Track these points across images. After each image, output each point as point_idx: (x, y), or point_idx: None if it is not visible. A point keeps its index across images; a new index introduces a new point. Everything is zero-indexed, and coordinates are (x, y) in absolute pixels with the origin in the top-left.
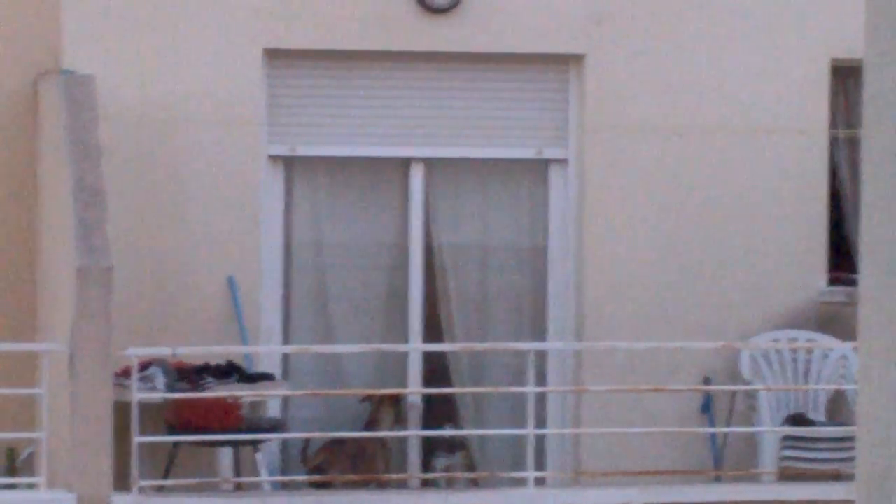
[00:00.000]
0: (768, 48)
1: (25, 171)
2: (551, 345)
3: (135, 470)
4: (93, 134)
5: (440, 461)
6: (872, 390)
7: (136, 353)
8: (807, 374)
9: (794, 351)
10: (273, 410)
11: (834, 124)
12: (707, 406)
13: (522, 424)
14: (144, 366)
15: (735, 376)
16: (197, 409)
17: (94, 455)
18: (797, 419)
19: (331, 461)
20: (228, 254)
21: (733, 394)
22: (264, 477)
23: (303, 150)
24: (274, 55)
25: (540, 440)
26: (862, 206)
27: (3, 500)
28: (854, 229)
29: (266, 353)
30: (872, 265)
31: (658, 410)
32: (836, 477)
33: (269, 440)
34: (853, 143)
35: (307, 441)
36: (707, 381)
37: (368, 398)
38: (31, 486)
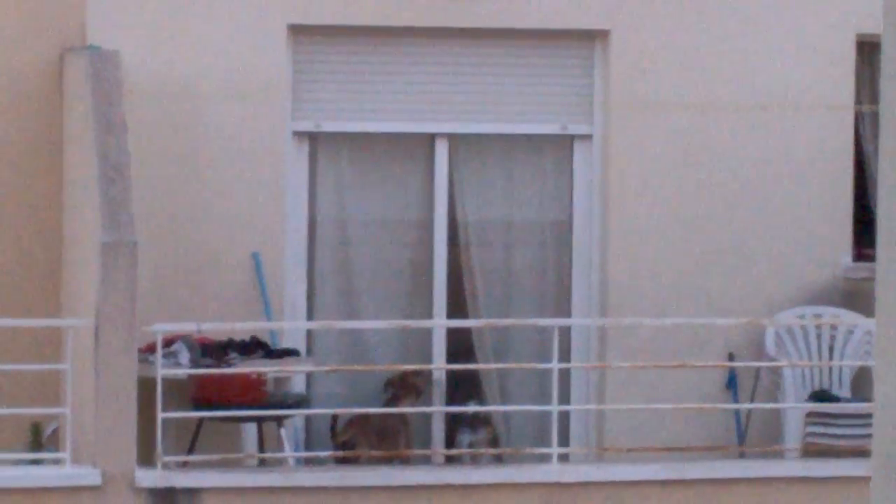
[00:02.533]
0: (793, 23)
1: (50, 147)
2: (575, 321)
3: (159, 446)
4: (118, 110)
5: (464, 437)
6: (889, 369)
7: (161, 328)
8: (831, 350)
9: (819, 327)
10: (297, 386)
11: (859, 100)
12: (731, 382)
13: (546, 400)
14: (169, 342)
15: (759, 352)
16: (221, 384)
17: (118, 431)
18: (822, 395)
19: (358, 437)
20: (253, 230)
21: (758, 370)
22: (289, 452)
23: (327, 126)
24: (299, 31)
25: (564, 416)
26: (879, 185)
27: (29, 475)
28: None
29: (290, 328)
30: (889, 245)
31: (682, 386)
32: (861, 453)
33: (294, 416)
34: (879, 119)
35: (335, 416)
36: (731, 357)
37: (390, 383)
38: (56, 462)
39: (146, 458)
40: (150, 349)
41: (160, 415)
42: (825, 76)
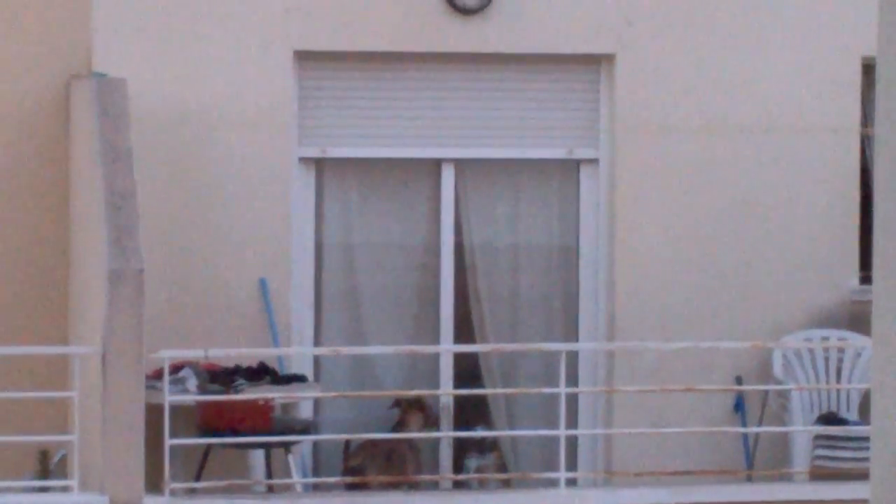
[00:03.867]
0: (799, 47)
1: (57, 175)
2: (582, 345)
3: (167, 472)
4: (124, 137)
5: (472, 462)
6: (886, 394)
7: (168, 355)
8: (839, 373)
9: (826, 350)
10: (305, 412)
11: (865, 122)
12: (739, 406)
13: (554, 425)
14: (176, 368)
15: (767, 376)
16: (229, 411)
17: (126, 457)
18: (829, 418)
19: (367, 461)
20: (260, 256)
21: (765, 393)
22: (296, 479)
23: (333, 152)
24: (304, 57)
25: (571, 441)
26: (875, 208)
27: (37, 502)
28: None
29: (297, 354)
30: (884, 267)
31: (690, 410)
32: (869, 476)
33: (301, 442)
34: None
35: (348, 441)
36: (739, 380)
37: (397, 404)
38: (63, 489)
39: (154, 484)
40: (158, 375)
41: (168, 441)
42: (831, 99)
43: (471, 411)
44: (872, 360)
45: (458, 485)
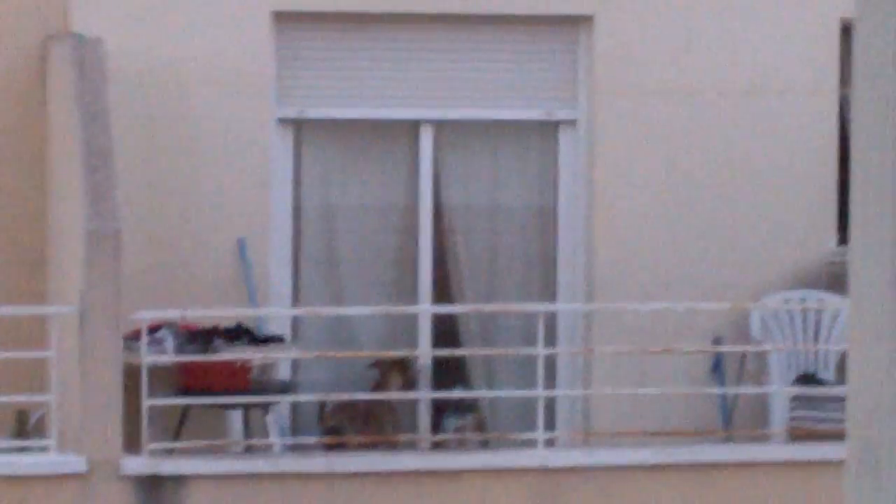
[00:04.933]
0: (779, 8)
1: (34, 135)
2: (561, 306)
3: (145, 433)
4: (102, 97)
5: (451, 422)
6: (862, 363)
7: (146, 315)
8: (817, 333)
9: (805, 311)
10: (283, 372)
11: (843, 84)
12: (717, 366)
13: (533, 385)
14: (154, 329)
15: (745, 337)
16: (207, 371)
17: (103, 418)
18: (807, 379)
19: (345, 422)
20: (238, 216)
21: (743, 354)
22: (274, 439)
23: (312, 113)
24: (283, 17)
25: (550, 401)
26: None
27: (14, 462)
28: None
29: (275, 315)
30: (862, 227)
31: (668, 371)
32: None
33: (279, 402)
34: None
35: (324, 403)
36: (717, 341)
37: (376, 364)
38: (41, 449)
39: (132, 445)
40: (135, 336)
41: (145, 402)
42: (809, 60)
43: (449, 372)
44: (848, 320)
45: (437, 445)
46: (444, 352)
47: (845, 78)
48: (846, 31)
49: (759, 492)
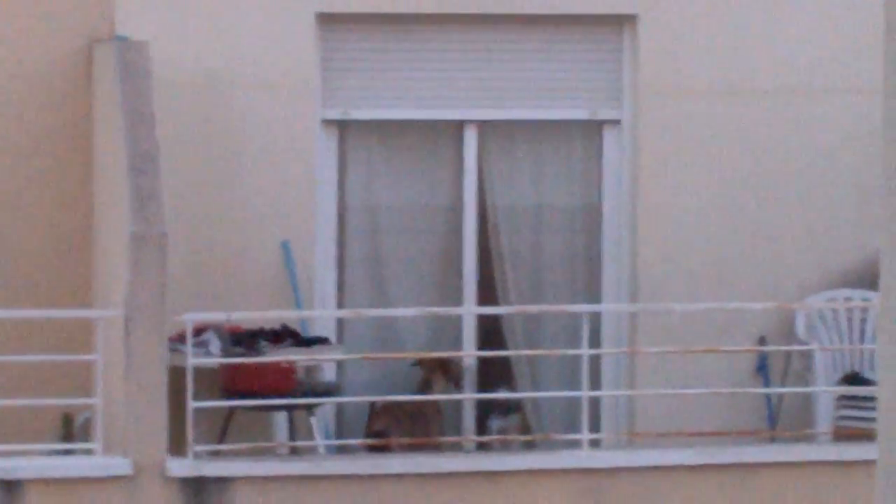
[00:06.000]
0: (823, 6)
1: (80, 138)
2: (605, 306)
3: (190, 435)
4: (147, 100)
5: (495, 423)
6: (891, 376)
7: (192, 318)
8: (862, 333)
9: (850, 310)
10: (328, 374)
11: None
12: (762, 366)
13: (577, 386)
14: (199, 331)
15: (790, 336)
16: (252, 373)
17: (149, 420)
18: (853, 378)
19: (391, 424)
20: (283, 218)
21: (789, 354)
22: (319, 441)
23: (356, 114)
24: (327, 19)
25: (594, 402)
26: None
27: (60, 465)
28: None
29: (320, 317)
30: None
31: (713, 371)
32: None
33: (324, 404)
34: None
35: (373, 404)
36: (762, 341)
37: (420, 362)
38: (87, 452)
39: (177, 447)
40: (181, 338)
41: (191, 404)
42: (856, 60)
43: (494, 372)
44: (877, 325)
45: (481, 446)
46: (489, 353)
47: None
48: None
49: (803, 492)
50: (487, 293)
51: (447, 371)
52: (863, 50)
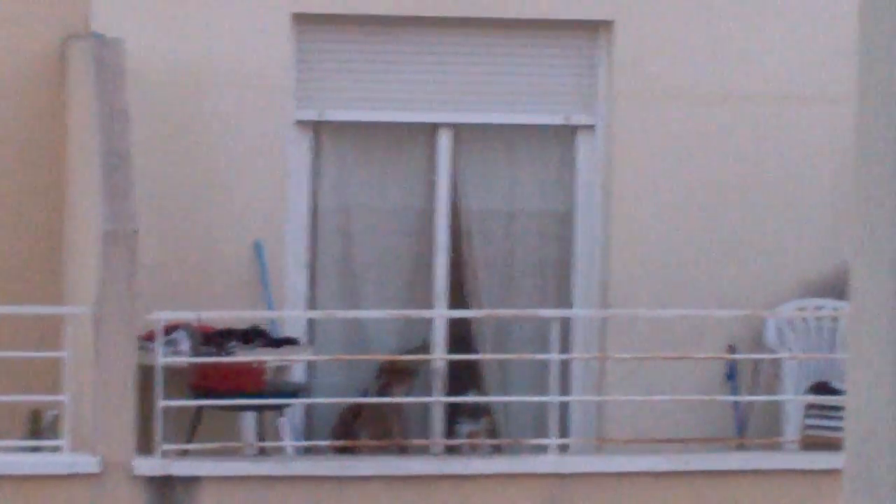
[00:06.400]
0: (800, 14)
1: (53, 134)
2: (576, 312)
3: (158, 434)
4: (121, 98)
5: (464, 427)
6: (860, 384)
7: (162, 316)
8: (832, 342)
9: (820, 319)
10: (298, 375)
11: None
12: (732, 374)
13: (547, 391)
14: (169, 329)
15: (760, 344)
16: (221, 373)
17: (117, 419)
18: (822, 388)
19: (360, 426)
20: (255, 218)
21: (758, 362)
22: (288, 442)
23: (330, 115)
24: (302, 20)
25: (563, 407)
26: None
27: (28, 462)
28: None
29: (291, 317)
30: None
31: (682, 378)
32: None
33: (293, 405)
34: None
35: (341, 406)
36: (732, 349)
37: (382, 370)
38: (54, 449)
39: (145, 446)
40: (151, 337)
41: (159, 403)
42: (831, 68)
43: (463, 376)
44: (847, 332)
45: (450, 450)
46: (459, 356)
47: None
48: None
49: (771, 500)
50: (458, 297)
51: (408, 370)
52: (838, 58)
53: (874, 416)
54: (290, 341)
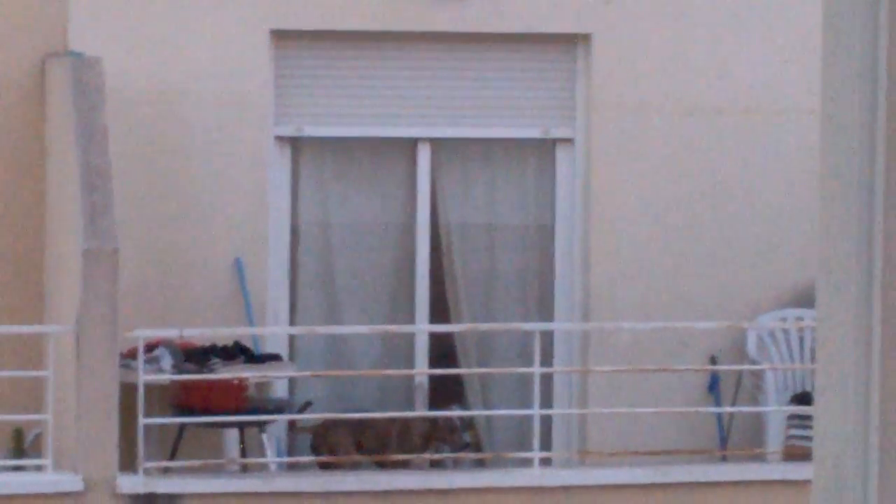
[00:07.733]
0: (776, 28)
1: (32, 154)
2: (557, 325)
3: (141, 451)
4: (100, 116)
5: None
6: (828, 386)
7: (143, 334)
8: (813, 352)
9: (801, 330)
10: (280, 391)
11: None
12: (714, 386)
13: (529, 404)
14: (151, 347)
15: (742, 356)
16: (203, 390)
17: (100, 437)
18: (803, 398)
19: (338, 441)
20: (235, 235)
21: (740, 373)
22: (270, 458)
23: (310, 131)
24: (281, 36)
25: (546, 420)
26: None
27: (11, 481)
28: None
29: (273, 334)
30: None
31: (664, 390)
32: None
33: (276, 421)
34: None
35: (322, 422)
36: (714, 360)
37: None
38: (38, 468)
39: (128, 463)
40: (132, 354)
41: (142, 420)
42: (808, 80)
43: (446, 391)
44: (816, 356)
45: (433, 464)
46: (441, 370)
47: None
48: None
49: None
50: (440, 311)
51: (350, 433)
52: (811, 72)
53: (841, 423)
54: (272, 357)
